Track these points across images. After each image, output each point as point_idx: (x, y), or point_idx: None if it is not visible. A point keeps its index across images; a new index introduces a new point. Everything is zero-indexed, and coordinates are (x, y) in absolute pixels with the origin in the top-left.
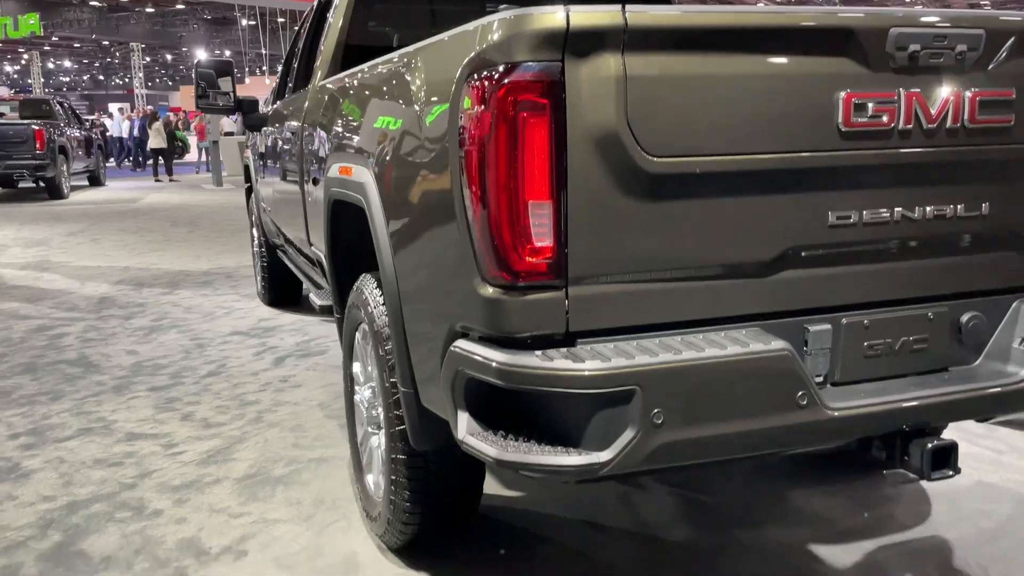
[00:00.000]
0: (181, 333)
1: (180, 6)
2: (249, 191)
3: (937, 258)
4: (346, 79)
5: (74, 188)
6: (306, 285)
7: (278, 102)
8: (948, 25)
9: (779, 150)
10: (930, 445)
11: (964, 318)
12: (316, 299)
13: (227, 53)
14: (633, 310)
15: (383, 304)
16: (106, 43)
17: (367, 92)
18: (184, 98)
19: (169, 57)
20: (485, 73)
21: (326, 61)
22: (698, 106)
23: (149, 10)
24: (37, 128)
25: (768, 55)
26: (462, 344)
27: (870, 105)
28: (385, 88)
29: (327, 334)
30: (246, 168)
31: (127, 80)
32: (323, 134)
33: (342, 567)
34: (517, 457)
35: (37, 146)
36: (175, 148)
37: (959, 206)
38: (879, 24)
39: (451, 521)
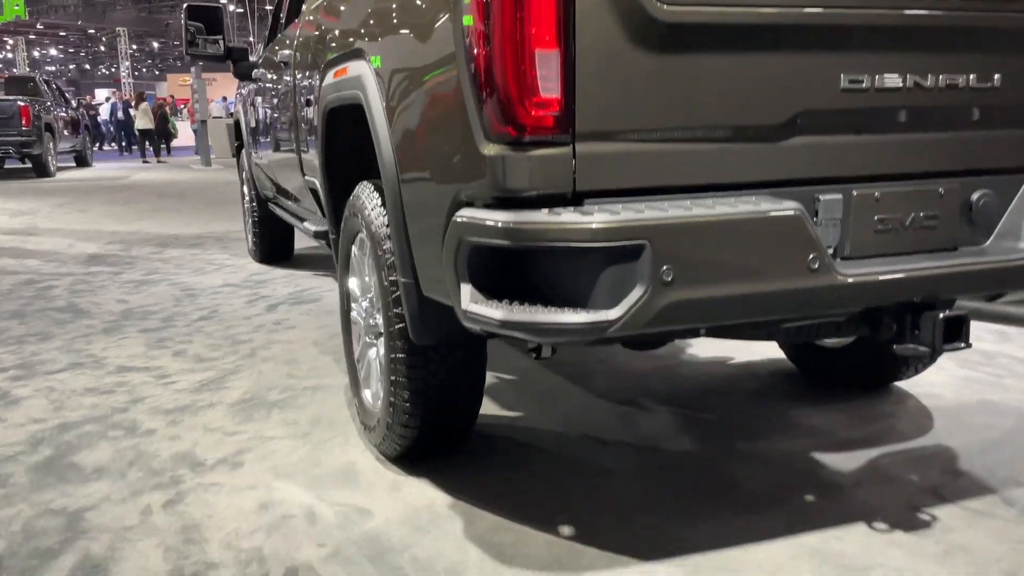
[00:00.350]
0: (172, 286)
1: None
2: (239, 149)
3: (948, 132)
4: None
5: (60, 168)
6: (299, 243)
7: (267, 48)
8: None
9: (792, 3)
10: (942, 316)
11: (975, 196)
12: (310, 226)
13: None
14: (641, 171)
15: (381, 205)
16: (92, 31)
17: None
18: (172, 87)
19: (156, 45)
20: None
21: None
22: None
23: None
24: (23, 104)
25: None
26: (465, 212)
27: None
28: None
29: (319, 285)
30: (236, 124)
31: (113, 69)
32: (316, 50)
33: (340, 475)
34: (524, 317)
35: (23, 123)
36: (166, 130)
37: (971, 76)
38: None
39: (449, 428)
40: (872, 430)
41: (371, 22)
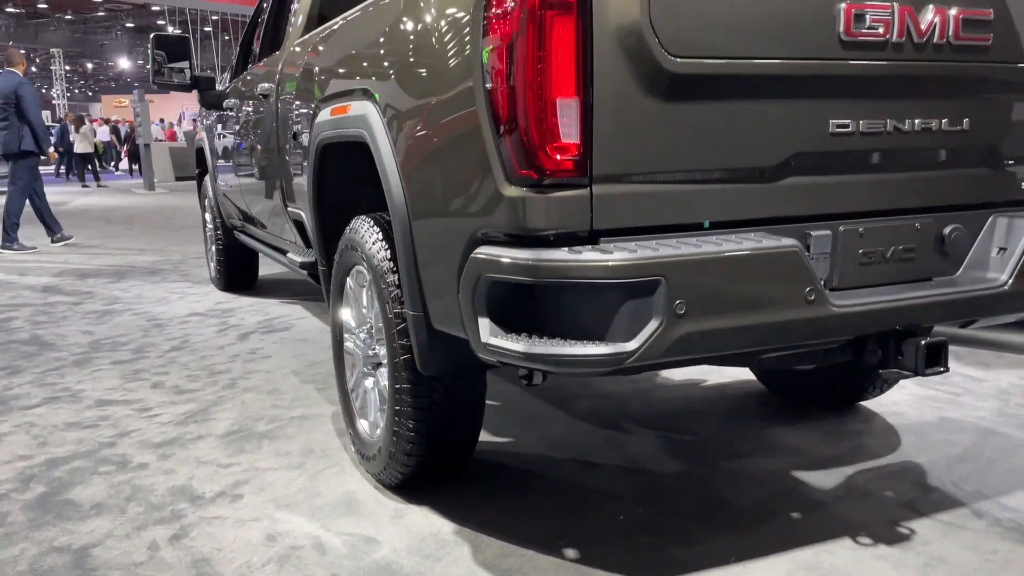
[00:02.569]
0: (137, 316)
1: (101, 13)
2: (201, 175)
3: (924, 171)
4: (332, 25)
5: None
6: (264, 269)
7: (237, 79)
8: None
9: (787, 56)
10: (923, 342)
11: (947, 230)
12: (296, 258)
13: None
14: (650, 211)
15: (383, 239)
16: (23, 51)
17: (361, 28)
18: (107, 108)
19: (90, 66)
20: None
21: (299, 25)
22: (714, 9)
23: (69, 17)
24: None
25: None
26: (484, 249)
27: (868, 16)
28: (383, 12)
29: (288, 313)
30: (199, 151)
31: (45, 90)
32: (306, 86)
33: (342, 505)
34: (545, 350)
35: None
36: (102, 153)
37: (943, 120)
38: None
39: (451, 456)
40: (845, 447)
41: (378, 63)
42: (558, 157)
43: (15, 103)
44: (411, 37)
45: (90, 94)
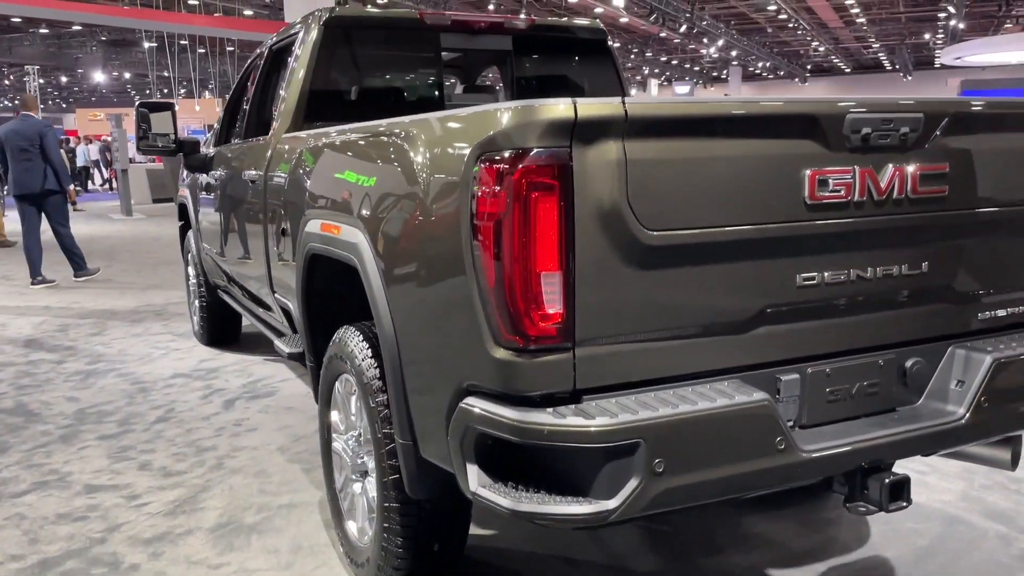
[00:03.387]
0: (120, 377)
1: (77, 27)
2: (183, 229)
3: (886, 311)
4: (324, 137)
5: None
6: (247, 322)
7: (223, 146)
8: (894, 110)
9: (756, 222)
10: (887, 480)
11: (908, 363)
12: (284, 347)
13: (127, 75)
14: (631, 367)
15: (372, 357)
16: None
17: (353, 155)
18: (80, 120)
19: (64, 79)
20: (499, 156)
21: (289, 110)
22: (687, 184)
23: (44, 31)
24: None
25: (746, 138)
26: (472, 401)
27: (831, 181)
28: (377, 155)
29: (272, 374)
30: (181, 207)
31: (17, 103)
32: (295, 188)
33: None
34: (531, 508)
35: None
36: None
37: (904, 266)
38: (837, 111)
39: (440, 563)
40: (818, 540)
41: (369, 202)
42: (543, 324)
43: (39, 145)
44: (404, 188)
45: (64, 106)
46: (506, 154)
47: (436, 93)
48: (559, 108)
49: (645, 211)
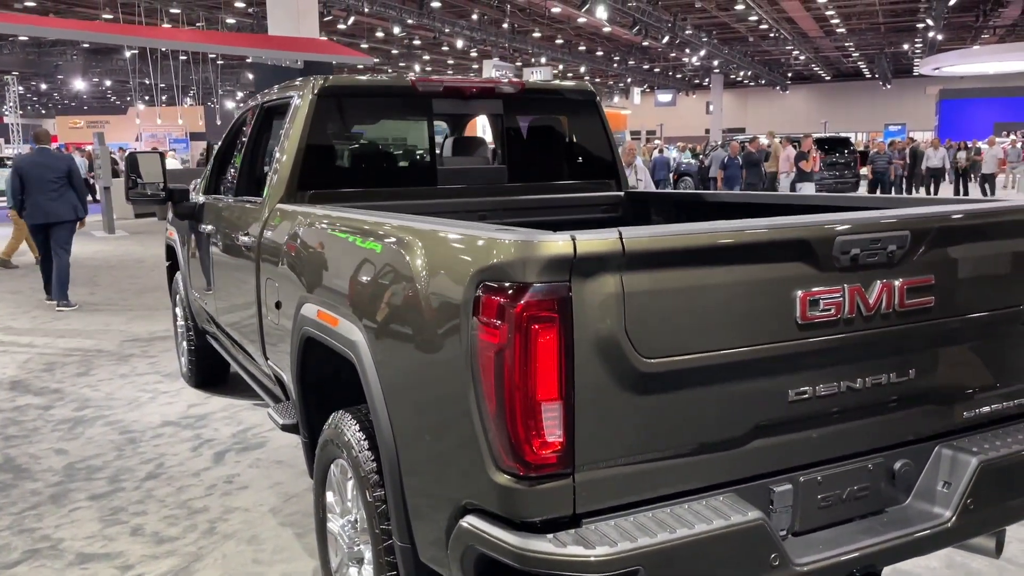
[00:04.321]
0: (108, 425)
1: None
2: (172, 270)
3: (874, 417)
4: (324, 220)
5: None
6: (237, 373)
7: (213, 196)
8: (881, 229)
9: (750, 343)
10: None
11: (896, 465)
12: (278, 417)
13: (108, 83)
14: (629, 489)
15: (369, 449)
16: None
17: (353, 247)
18: (61, 128)
19: (43, 87)
20: (499, 286)
21: (283, 179)
22: (683, 311)
23: (23, 39)
24: None
25: (739, 264)
26: (472, 521)
27: (821, 301)
28: (377, 256)
29: (262, 422)
30: (169, 248)
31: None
32: (290, 266)
33: None
34: None
35: None
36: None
37: (892, 374)
38: (826, 234)
39: None
40: None
41: (369, 303)
42: (543, 452)
43: (66, 176)
44: (403, 296)
45: (43, 112)
46: (507, 285)
47: (429, 159)
48: (558, 244)
49: (642, 339)
